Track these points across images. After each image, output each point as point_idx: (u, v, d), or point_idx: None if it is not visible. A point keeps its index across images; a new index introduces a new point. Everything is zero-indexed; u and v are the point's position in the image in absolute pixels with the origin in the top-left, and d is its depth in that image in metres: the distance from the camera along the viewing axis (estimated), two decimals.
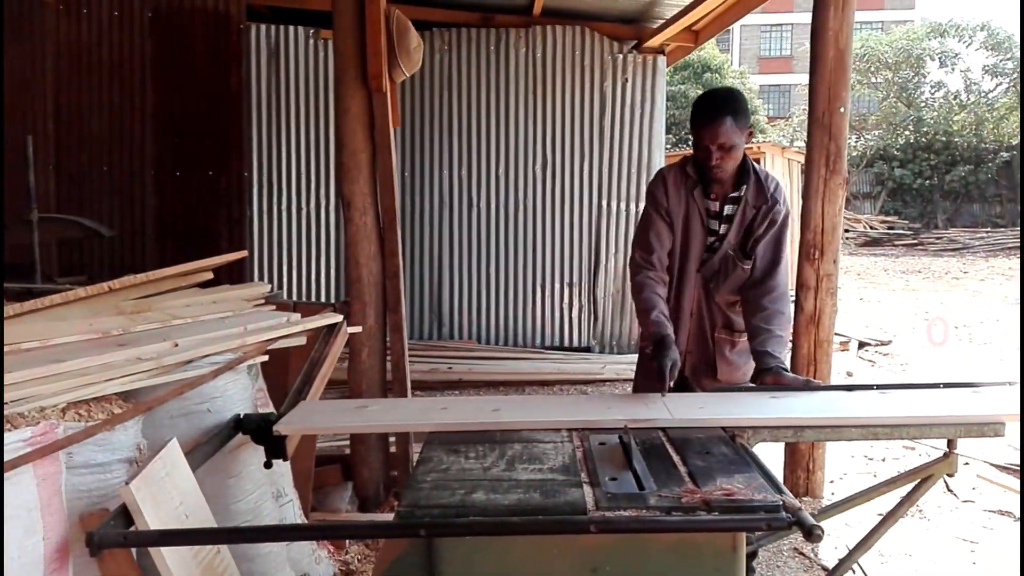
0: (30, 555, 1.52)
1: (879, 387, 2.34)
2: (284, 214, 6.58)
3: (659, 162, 7.07)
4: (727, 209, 2.68)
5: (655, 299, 2.62)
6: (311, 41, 6.49)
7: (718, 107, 2.54)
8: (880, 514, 3.46)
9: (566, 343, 7.17)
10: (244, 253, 3.37)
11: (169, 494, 1.73)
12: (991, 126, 25.15)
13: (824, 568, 3.22)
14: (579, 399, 3.20)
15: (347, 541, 3.16)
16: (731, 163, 2.58)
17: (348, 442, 3.86)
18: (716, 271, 2.73)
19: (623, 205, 7.05)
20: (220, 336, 2.21)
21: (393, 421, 2.28)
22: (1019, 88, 23.65)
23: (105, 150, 5.89)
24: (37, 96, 5.62)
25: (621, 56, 6.96)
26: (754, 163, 2.68)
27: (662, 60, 7.04)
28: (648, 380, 2.81)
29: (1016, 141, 23.23)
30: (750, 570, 2.73)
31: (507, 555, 1.55)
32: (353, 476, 3.72)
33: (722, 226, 2.69)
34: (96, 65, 5.87)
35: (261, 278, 6.44)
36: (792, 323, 2.71)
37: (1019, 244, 18.12)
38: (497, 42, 6.93)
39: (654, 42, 6.81)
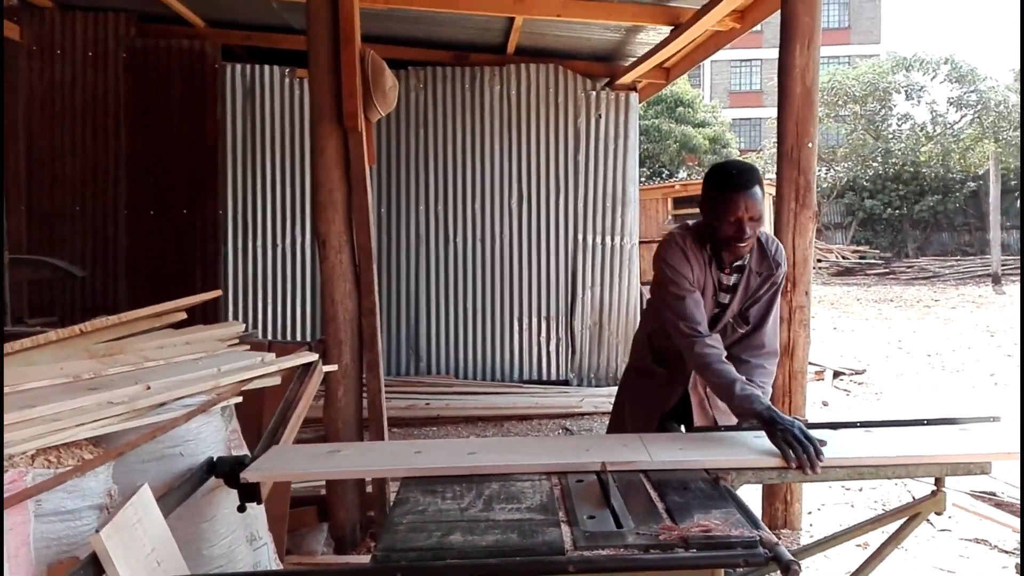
0: None
1: (863, 424, 2.28)
2: (259, 252, 6.55)
3: (633, 195, 7.16)
4: (731, 279, 2.61)
5: (726, 371, 2.36)
6: (287, 80, 6.52)
7: (748, 177, 2.42)
8: (859, 545, 3.47)
9: (544, 377, 7.18)
10: (218, 293, 3.35)
11: (140, 541, 1.70)
12: (957, 156, 25.69)
13: None
14: (556, 441, 3.18)
15: None
16: (755, 234, 2.47)
17: (324, 483, 3.81)
18: None
19: (599, 239, 7.11)
20: (193, 378, 2.18)
21: (365, 466, 2.24)
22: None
23: (78, 190, 5.85)
24: (9, 136, 5.58)
25: (594, 93, 7.07)
26: None
27: (634, 96, 7.16)
28: (640, 416, 2.77)
29: (983, 171, 23.67)
30: None
31: None
32: (329, 517, 3.67)
33: (727, 296, 2.61)
34: (70, 105, 5.85)
35: (236, 317, 6.40)
36: (773, 377, 2.67)
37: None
38: (472, 80, 7.01)
39: (626, 79, 6.92)
